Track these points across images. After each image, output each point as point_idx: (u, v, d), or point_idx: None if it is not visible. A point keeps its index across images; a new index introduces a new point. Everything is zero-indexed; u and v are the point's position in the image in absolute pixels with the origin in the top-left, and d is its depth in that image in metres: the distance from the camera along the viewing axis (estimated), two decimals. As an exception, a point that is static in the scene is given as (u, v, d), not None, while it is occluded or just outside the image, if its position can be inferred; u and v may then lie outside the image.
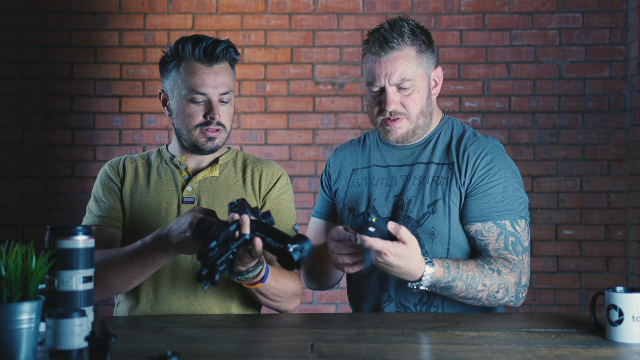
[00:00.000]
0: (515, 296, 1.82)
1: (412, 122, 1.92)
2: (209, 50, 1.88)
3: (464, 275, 1.75)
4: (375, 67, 1.88)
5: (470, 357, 1.38)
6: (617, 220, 3.67)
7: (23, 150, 3.72)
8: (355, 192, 2.01)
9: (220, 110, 1.90)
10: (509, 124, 3.70)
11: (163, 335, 1.56)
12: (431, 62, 1.94)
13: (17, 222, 3.72)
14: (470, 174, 1.89)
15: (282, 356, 1.41)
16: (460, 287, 1.75)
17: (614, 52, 3.69)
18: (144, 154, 2.06)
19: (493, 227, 1.86)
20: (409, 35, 1.87)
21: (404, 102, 1.89)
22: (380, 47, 1.86)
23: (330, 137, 3.73)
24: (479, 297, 1.79)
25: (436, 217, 1.88)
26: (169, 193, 1.95)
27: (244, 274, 1.68)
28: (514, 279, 1.81)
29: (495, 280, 1.78)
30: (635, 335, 1.47)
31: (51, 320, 1.33)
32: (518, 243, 1.85)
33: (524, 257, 1.85)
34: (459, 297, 1.79)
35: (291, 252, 1.51)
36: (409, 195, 1.92)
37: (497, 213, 1.86)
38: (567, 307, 3.67)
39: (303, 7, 3.74)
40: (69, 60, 3.73)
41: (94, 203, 1.97)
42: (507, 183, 1.88)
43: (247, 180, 1.99)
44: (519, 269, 1.83)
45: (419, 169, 1.94)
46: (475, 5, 3.71)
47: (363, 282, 1.98)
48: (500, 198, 1.87)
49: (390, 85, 1.87)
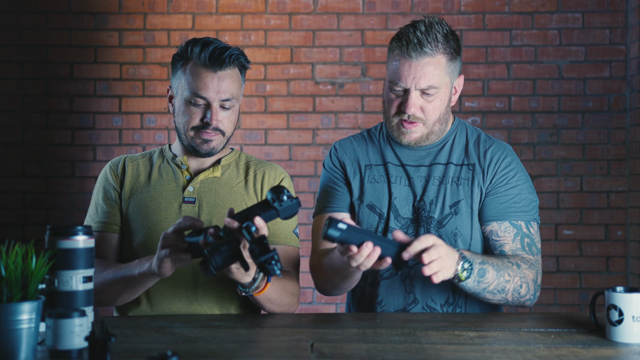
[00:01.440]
0: (533, 294, 1.83)
1: (428, 127, 1.91)
2: (216, 56, 1.86)
3: (490, 262, 1.76)
4: (404, 68, 1.84)
5: (470, 357, 1.38)
6: (617, 220, 3.67)
7: (23, 150, 3.72)
8: (374, 190, 1.96)
9: (219, 115, 1.89)
10: (509, 124, 3.70)
11: (163, 335, 1.56)
12: (457, 70, 1.92)
13: (17, 222, 3.72)
14: (492, 174, 1.91)
15: (282, 356, 1.41)
16: (492, 273, 1.74)
17: (614, 52, 3.69)
18: (145, 153, 2.06)
19: (509, 228, 1.87)
20: (442, 42, 1.84)
21: (425, 108, 1.88)
22: (414, 49, 1.82)
23: (330, 137, 3.72)
24: (506, 290, 1.78)
25: (459, 218, 1.89)
26: (170, 193, 1.95)
27: (254, 283, 1.71)
28: (532, 275, 1.83)
29: (517, 273, 1.79)
30: (635, 335, 1.47)
31: (51, 320, 1.33)
32: (533, 244, 1.88)
33: (538, 257, 1.88)
34: (489, 290, 1.76)
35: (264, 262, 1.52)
36: (430, 196, 1.92)
37: (514, 213, 1.88)
38: (567, 307, 3.67)
39: (303, 7, 3.73)
40: (69, 60, 3.73)
41: (93, 207, 1.98)
42: (523, 186, 1.91)
43: (250, 182, 1.99)
44: (536, 267, 1.85)
45: (438, 170, 1.94)
46: (475, 5, 3.71)
47: (383, 284, 1.93)
48: (518, 199, 1.89)
49: (415, 90, 1.85)
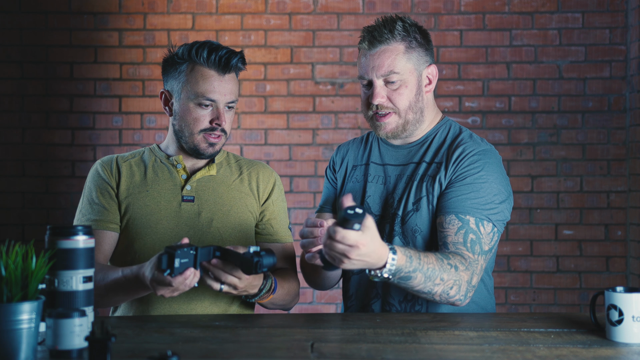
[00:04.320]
0: (464, 295, 1.76)
1: (402, 117, 1.93)
2: (224, 60, 1.90)
3: (424, 267, 1.68)
4: (365, 61, 1.92)
5: (470, 357, 1.38)
6: (617, 220, 3.67)
7: (23, 150, 3.72)
8: (352, 189, 2.03)
9: (226, 117, 1.94)
10: (509, 124, 3.70)
11: (163, 335, 1.56)
12: (423, 59, 1.95)
13: (17, 222, 3.72)
14: (453, 170, 1.88)
15: (282, 356, 1.42)
16: (419, 279, 1.68)
17: (614, 52, 3.69)
18: (134, 153, 2.05)
19: (455, 220, 1.82)
20: (399, 32, 1.90)
21: (391, 97, 1.91)
22: (370, 42, 1.91)
23: (330, 137, 3.73)
24: (433, 292, 1.72)
25: (419, 215, 1.89)
26: (168, 192, 1.95)
27: (259, 294, 1.78)
28: (467, 277, 1.76)
29: (452, 276, 1.72)
30: (635, 335, 1.47)
31: (51, 320, 1.33)
32: (478, 243, 1.80)
33: (479, 258, 1.80)
34: (414, 289, 1.71)
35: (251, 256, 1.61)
36: (399, 193, 1.94)
37: (464, 208, 1.82)
38: (567, 307, 3.67)
39: (303, 7, 3.74)
40: (69, 60, 3.73)
41: (87, 205, 1.94)
42: (485, 184, 1.85)
43: (245, 180, 2.03)
44: (472, 268, 1.77)
45: (410, 168, 1.96)
46: (475, 5, 3.71)
47: (354, 279, 2.00)
48: (473, 196, 1.83)
49: (377, 79, 1.90)
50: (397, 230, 1.91)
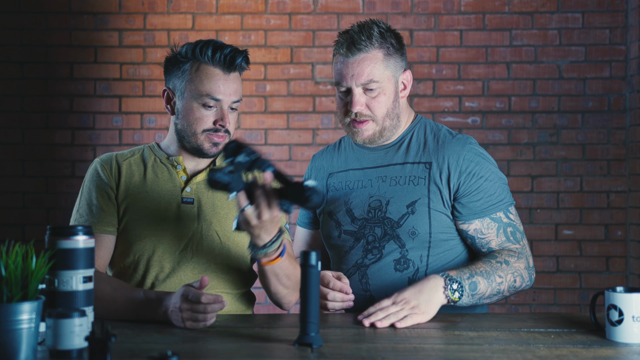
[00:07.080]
0: (529, 279, 1.91)
1: (379, 124, 1.94)
2: (229, 59, 1.88)
3: (478, 272, 1.81)
4: (343, 68, 1.92)
5: (470, 357, 1.38)
6: (617, 220, 3.67)
7: (23, 150, 3.72)
8: (332, 197, 2.03)
9: (230, 117, 1.91)
10: (509, 124, 3.70)
11: (163, 335, 1.56)
12: (399, 65, 1.96)
13: (17, 222, 3.72)
14: (456, 175, 1.91)
15: (282, 356, 1.42)
16: (483, 283, 1.80)
17: (614, 52, 3.69)
18: (133, 150, 2.01)
19: (491, 223, 1.90)
20: (377, 38, 1.91)
21: (370, 104, 1.92)
22: (348, 49, 1.90)
23: (330, 137, 3.73)
24: (502, 290, 1.84)
25: (416, 217, 1.90)
26: (168, 193, 1.93)
27: (267, 247, 1.67)
28: (523, 264, 1.89)
29: (508, 270, 1.85)
30: (635, 335, 1.47)
31: (51, 320, 1.33)
32: (516, 231, 1.92)
33: (524, 242, 1.94)
34: (486, 296, 1.82)
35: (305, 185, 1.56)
36: (386, 196, 1.94)
37: (492, 207, 1.91)
38: (567, 307, 3.67)
39: (303, 7, 3.74)
40: (69, 60, 3.73)
41: (85, 206, 1.90)
42: (491, 175, 1.94)
43: None
44: (523, 254, 1.91)
45: (394, 170, 1.97)
46: (475, 5, 3.71)
47: (353, 279, 1.98)
48: (491, 191, 1.92)
49: (356, 87, 1.91)
50: (390, 233, 1.91)
